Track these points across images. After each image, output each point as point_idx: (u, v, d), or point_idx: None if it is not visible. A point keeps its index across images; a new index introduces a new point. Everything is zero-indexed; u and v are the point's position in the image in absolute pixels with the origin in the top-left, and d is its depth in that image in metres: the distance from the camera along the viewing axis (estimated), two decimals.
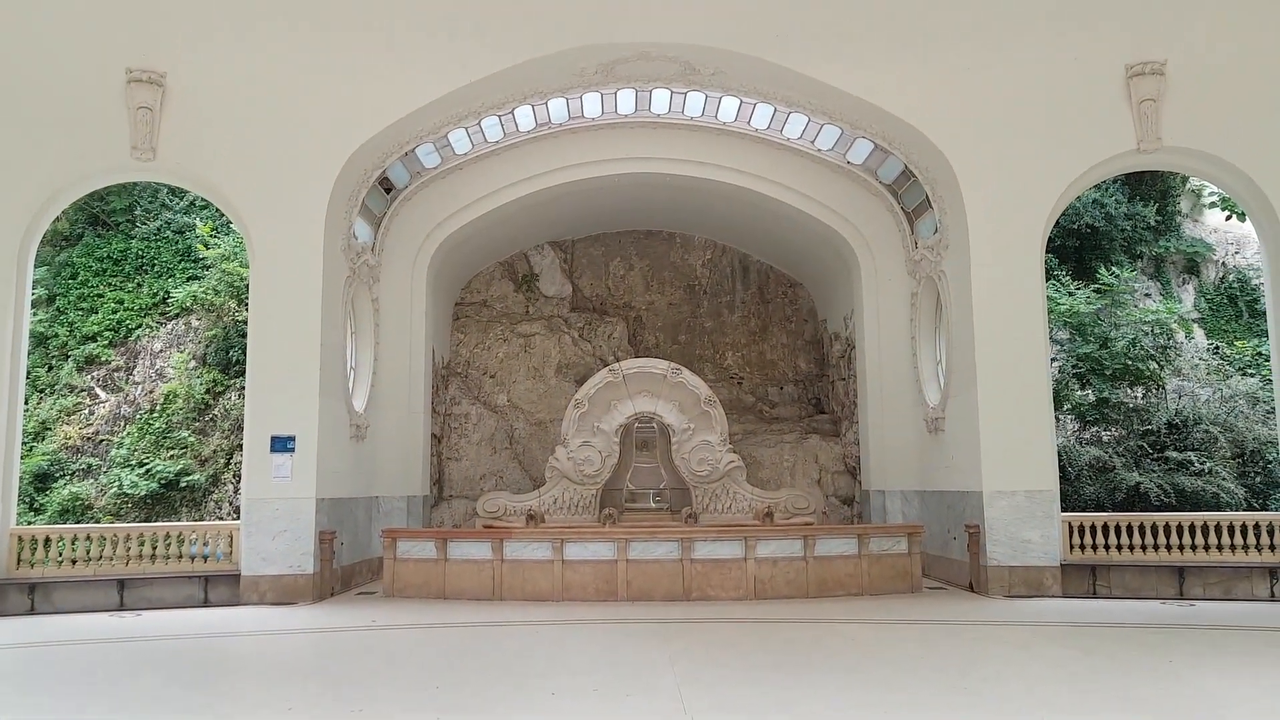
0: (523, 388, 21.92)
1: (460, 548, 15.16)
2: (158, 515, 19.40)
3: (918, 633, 12.16)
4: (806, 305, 23.38)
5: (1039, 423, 15.30)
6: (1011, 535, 15.07)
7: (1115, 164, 15.91)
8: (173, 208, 22.62)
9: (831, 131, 17.72)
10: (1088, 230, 22.65)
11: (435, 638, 12.05)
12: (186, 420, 20.46)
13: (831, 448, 20.98)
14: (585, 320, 22.78)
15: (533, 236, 22.60)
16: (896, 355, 18.66)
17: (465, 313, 22.30)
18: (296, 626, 12.89)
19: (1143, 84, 15.16)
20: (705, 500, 18.57)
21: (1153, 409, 19.39)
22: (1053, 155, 15.60)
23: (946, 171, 16.09)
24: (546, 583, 14.82)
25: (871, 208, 18.84)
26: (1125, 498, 17.88)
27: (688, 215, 22.18)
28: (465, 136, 17.84)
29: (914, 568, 15.42)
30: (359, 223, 17.37)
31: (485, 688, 9.29)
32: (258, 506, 15.08)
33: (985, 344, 15.49)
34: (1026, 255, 15.62)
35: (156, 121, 15.05)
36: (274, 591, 14.87)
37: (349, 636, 12.32)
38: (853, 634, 12.03)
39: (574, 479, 18.62)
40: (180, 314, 21.67)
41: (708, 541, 15.07)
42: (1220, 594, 14.69)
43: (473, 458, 21.09)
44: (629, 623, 12.86)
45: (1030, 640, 11.71)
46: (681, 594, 14.76)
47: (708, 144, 18.81)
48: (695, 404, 18.83)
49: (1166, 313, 20.17)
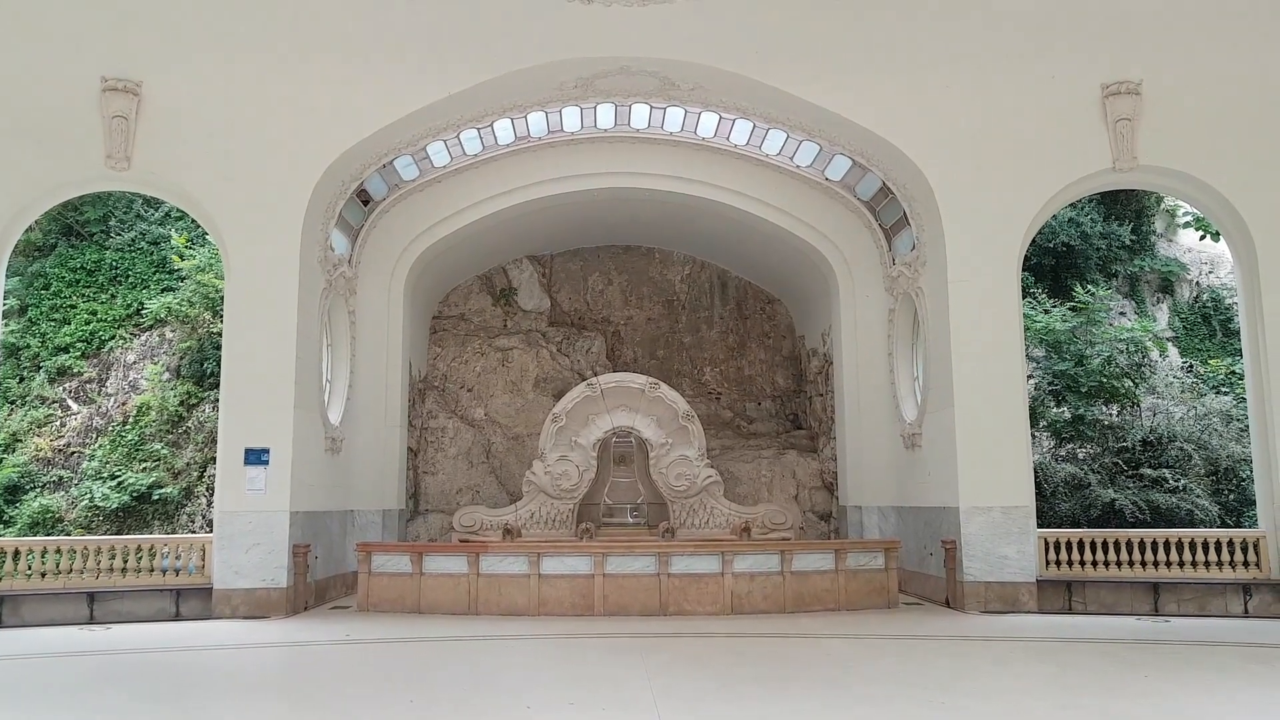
0: (500, 402, 21.81)
1: (435, 562, 15.03)
2: (129, 529, 19.14)
3: (895, 647, 12.13)
4: (785, 321, 23.41)
5: (1016, 439, 15.35)
6: (988, 551, 15.09)
7: (1091, 182, 16.03)
8: (147, 218, 22.43)
9: (810, 148, 17.79)
10: (1064, 249, 22.82)
11: (409, 652, 11.92)
12: (159, 433, 20.23)
13: (809, 463, 20.98)
14: (564, 335, 22.72)
15: (511, 250, 22.55)
16: (874, 371, 18.69)
17: (443, 326, 22.20)
18: (268, 640, 12.73)
19: (1118, 103, 15.31)
20: (683, 515, 18.50)
21: (1128, 426, 19.51)
22: (1029, 173, 15.72)
23: (924, 188, 16.18)
24: (523, 597, 14.70)
25: (849, 224, 18.90)
26: (1100, 514, 17.95)
27: (667, 231, 22.20)
28: (444, 149, 17.80)
29: (891, 583, 15.40)
30: (336, 234, 17.27)
31: (460, 702, 9.18)
32: (231, 519, 14.91)
33: (962, 360, 15.54)
34: (1003, 271, 15.71)
35: (132, 131, 14.91)
36: (247, 605, 14.69)
37: (321, 651, 12.17)
38: (830, 648, 11.99)
39: (551, 493, 18.51)
40: (154, 325, 21.45)
41: (685, 556, 15.01)
42: (1195, 610, 14.74)
43: (449, 472, 20.95)
44: (606, 637, 12.77)
45: (1008, 655, 11.70)
46: (658, 609, 14.68)
47: (687, 159, 18.83)
48: (673, 419, 18.78)
49: (1142, 330, 20.32)
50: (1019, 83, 15.36)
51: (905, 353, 18.22)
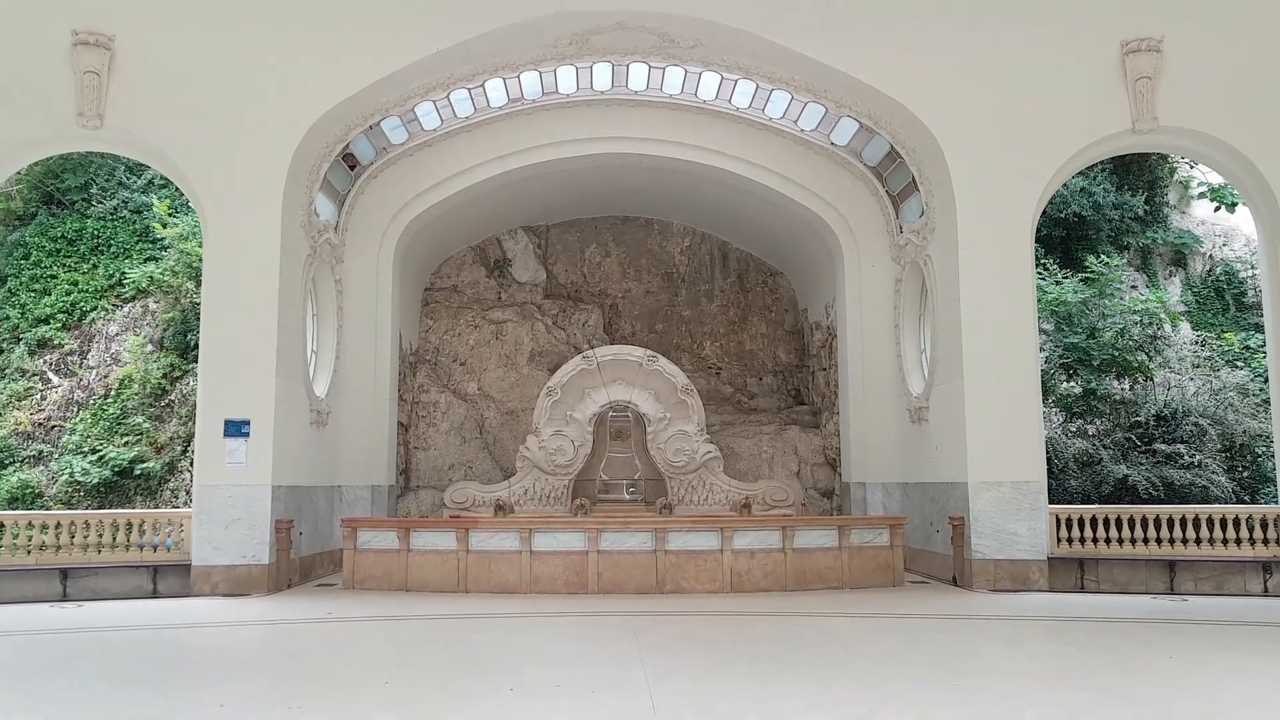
0: (494, 376, 21.20)
1: (424, 538, 14.45)
2: (111, 504, 18.58)
3: (901, 626, 11.56)
4: (787, 294, 22.78)
5: (1027, 412, 14.75)
6: (997, 528, 14.50)
7: (1109, 144, 15.37)
8: (130, 186, 21.77)
9: (815, 110, 17.10)
10: (1075, 219, 22.15)
11: (392, 631, 11.35)
12: (142, 406, 19.63)
13: (811, 439, 20.39)
14: (559, 307, 22.10)
15: (506, 220, 21.89)
16: (879, 344, 18.07)
17: (435, 298, 21.55)
18: (245, 619, 12.15)
19: (1138, 61, 14.64)
20: (681, 491, 17.94)
21: (1140, 401, 18.87)
22: (1045, 135, 15.05)
23: (934, 151, 15.51)
24: (514, 575, 14.13)
25: (855, 191, 18.24)
26: (1112, 491, 17.36)
27: (666, 200, 21.54)
28: (434, 111, 17.12)
29: (896, 561, 14.83)
30: (321, 199, 16.62)
31: (439, 685, 8.60)
32: (210, 493, 14.33)
33: (972, 330, 14.92)
34: (1016, 238, 15.07)
35: (104, 87, 14.24)
36: (227, 582, 14.12)
37: (301, 629, 11.59)
38: (833, 628, 11.41)
39: (546, 469, 17.95)
40: (137, 296, 20.83)
41: (683, 532, 14.43)
42: (1212, 589, 14.18)
43: (441, 447, 20.36)
44: (599, 616, 12.19)
45: (1020, 634, 11.12)
46: (655, 587, 14.11)
47: (687, 124, 18.14)
48: (672, 392, 18.20)
49: (1156, 302, 19.64)
50: (1035, 40, 14.68)
51: (912, 324, 17.59)
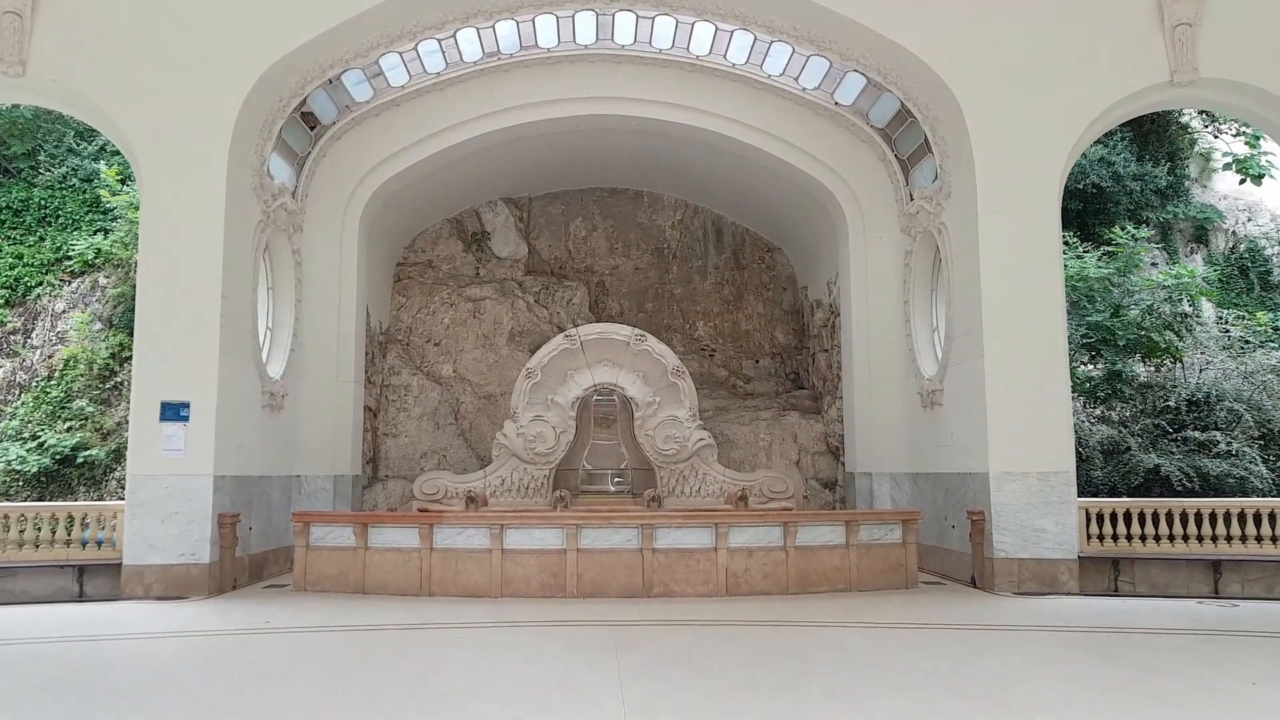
0: (471, 357, 19.69)
1: (383, 534, 12.96)
2: (52, 494, 17.08)
3: (921, 640, 10.11)
4: (785, 272, 21.30)
5: (1055, 394, 13.31)
6: (1022, 523, 13.07)
7: (1144, 99, 13.87)
8: (80, 153, 20.21)
9: (818, 66, 15.59)
10: (1093, 191, 20.67)
11: (336, 646, 9.86)
12: (87, 388, 18.09)
13: (812, 426, 18.93)
14: (542, 284, 20.58)
15: (484, 191, 20.35)
16: (887, 322, 16.60)
17: (408, 274, 20.02)
18: (172, 628, 10.67)
19: (1178, 6, 13.22)
20: (672, 482, 16.49)
21: (1168, 384, 17.40)
22: (1074, 88, 13.57)
23: (951, 107, 14.02)
24: (483, 576, 12.65)
25: (861, 156, 16.75)
26: (1142, 482, 15.89)
27: (656, 170, 20.02)
28: (401, 65, 15.58)
29: (909, 560, 13.38)
30: (276, 161, 15.09)
31: (380, 715, 7.14)
32: (144, 484, 12.82)
33: (994, 305, 13.46)
34: (1042, 201, 13.60)
35: (27, 30, 12.74)
36: (162, 584, 12.64)
37: (231, 642, 10.11)
38: (846, 643, 9.94)
39: (524, 458, 16.48)
40: (86, 271, 19.27)
41: (673, 528, 12.96)
42: (1262, 591, 12.74)
43: (413, 434, 18.86)
44: (577, 626, 10.73)
45: (1067, 654, 9.60)
46: (641, 590, 12.65)
47: (678, 82, 16.62)
48: (662, 375, 16.73)
49: (1188, 277, 18.13)
50: None
51: (924, 300, 16.12)
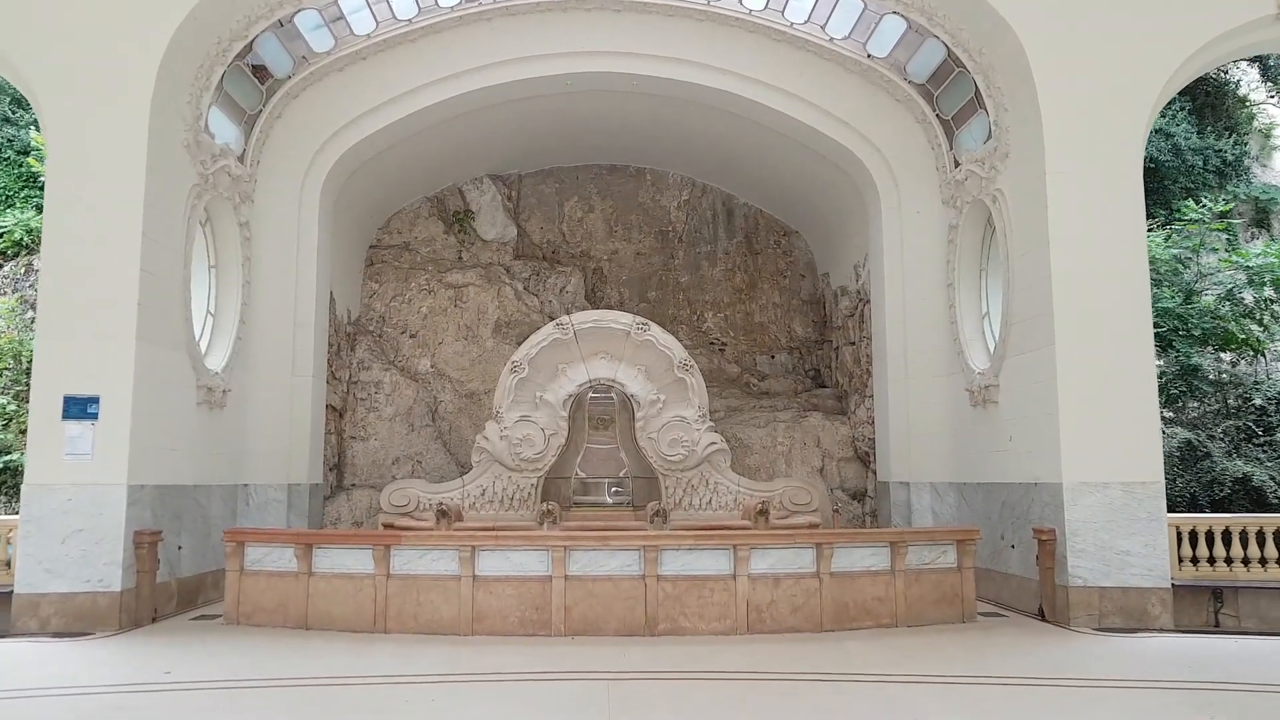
0: (451, 350, 17.50)
1: (330, 556, 10.72)
2: None
3: (999, 704, 7.87)
4: (804, 258, 19.14)
5: (1139, 389, 11.14)
6: (1103, 544, 10.87)
7: (1244, 38, 11.68)
8: (17, 122, 18.10)
9: (851, 8, 13.44)
10: (1149, 166, 18.43)
11: (247, 711, 7.62)
12: (11, 384, 15.93)
13: (837, 428, 16.72)
14: (532, 270, 18.40)
15: (469, 166, 18.18)
16: (927, 309, 14.42)
17: (382, 257, 17.84)
18: (51, 680, 8.36)
19: None
20: (678, 493, 14.29)
21: (1250, 381, 15.18)
22: (1159, 23, 11.44)
23: (1010, 48, 11.84)
24: (450, 609, 10.40)
25: (896, 117, 14.59)
26: (1229, 494, 13.69)
27: (660, 144, 17.86)
28: (366, 7, 13.43)
29: (966, 588, 11.14)
30: (219, 116, 12.91)
31: None
32: (42, 495, 10.62)
33: (1066, 282, 11.28)
34: (1123, 160, 11.45)
35: None
36: (61, 617, 10.43)
37: (119, 702, 7.84)
38: (898, 703, 7.71)
39: (509, 464, 14.30)
40: (17, 252, 17.11)
41: (682, 550, 10.71)
42: None
43: (384, 437, 16.65)
44: (562, 680, 8.50)
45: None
46: (643, 627, 10.40)
47: (687, 34, 14.48)
48: (667, 369, 14.54)
49: (1275, 256, 15.87)
50: None
51: (971, 282, 13.93)
